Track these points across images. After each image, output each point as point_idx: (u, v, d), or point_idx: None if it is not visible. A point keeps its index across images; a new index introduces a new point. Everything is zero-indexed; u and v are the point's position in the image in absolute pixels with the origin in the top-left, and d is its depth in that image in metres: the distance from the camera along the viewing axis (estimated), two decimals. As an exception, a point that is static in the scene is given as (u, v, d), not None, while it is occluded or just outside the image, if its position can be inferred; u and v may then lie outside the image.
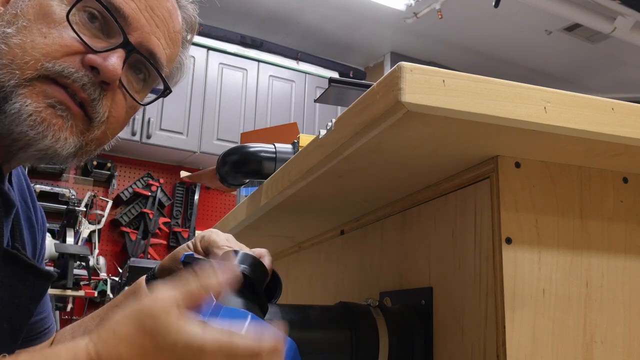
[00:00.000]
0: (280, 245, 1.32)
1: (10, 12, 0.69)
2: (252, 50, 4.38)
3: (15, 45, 0.67)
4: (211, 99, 4.12)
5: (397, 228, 0.84)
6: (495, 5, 3.32)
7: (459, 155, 0.65)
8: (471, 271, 0.66)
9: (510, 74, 4.70)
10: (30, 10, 0.69)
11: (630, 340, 0.64)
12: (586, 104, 0.57)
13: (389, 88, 0.52)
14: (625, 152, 0.62)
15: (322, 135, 0.68)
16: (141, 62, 0.75)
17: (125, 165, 4.16)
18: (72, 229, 3.57)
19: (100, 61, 0.69)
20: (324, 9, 4.11)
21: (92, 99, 0.69)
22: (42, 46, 0.67)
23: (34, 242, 0.86)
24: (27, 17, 0.68)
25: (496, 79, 0.54)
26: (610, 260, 0.66)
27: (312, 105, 4.44)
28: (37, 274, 0.78)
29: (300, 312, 0.72)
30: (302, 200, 0.87)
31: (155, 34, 0.74)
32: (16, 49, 0.66)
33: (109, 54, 0.69)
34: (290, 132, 1.59)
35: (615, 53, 4.45)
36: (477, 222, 0.66)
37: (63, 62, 0.67)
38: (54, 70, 0.67)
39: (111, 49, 0.70)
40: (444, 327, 0.70)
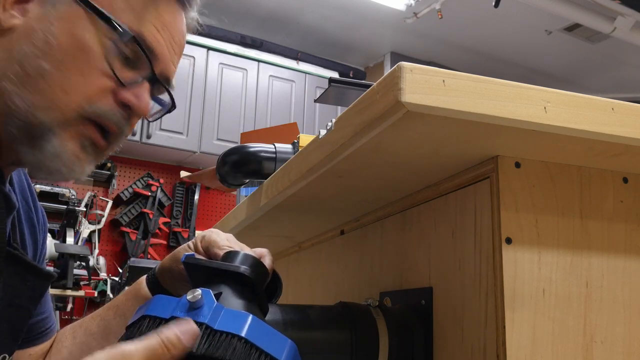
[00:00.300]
0: (280, 245, 1.32)
1: (41, 37, 0.67)
2: (252, 50, 4.38)
3: (55, 85, 0.67)
4: (211, 99, 4.12)
5: (397, 228, 0.84)
6: (495, 5, 3.32)
7: (459, 155, 0.65)
8: (471, 271, 0.66)
9: (510, 74, 4.70)
10: (64, 41, 0.67)
11: (630, 340, 0.64)
12: (586, 104, 0.57)
13: (389, 88, 0.52)
14: (625, 152, 0.62)
15: (322, 135, 0.68)
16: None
17: (125, 165, 4.16)
18: (72, 229, 3.57)
19: (135, 101, 0.71)
20: (324, 9, 4.11)
21: (120, 132, 0.73)
22: (82, 89, 0.68)
23: (35, 243, 0.86)
24: (63, 50, 0.67)
25: (496, 79, 0.54)
26: (610, 260, 0.66)
27: (312, 105, 4.44)
28: (38, 274, 0.78)
29: (300, 312, 0.72)
30: (302, 200, 0.87)
31: (173, 61, 0.77)
32: (57, 89, 0.67)
33: (139, 91, 0.72)
34: (290, 132, 1.59)
35: (615, 53, 4.45)
36: (477, 222, 0.66)
37: (100, 103, 0.69)
38: (93, 112, 0.69)
39: (139, 82, 0.72)
40: (444, 327, 0.70)
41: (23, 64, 0.67)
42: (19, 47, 0.67)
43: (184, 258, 0.67)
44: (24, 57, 0.67)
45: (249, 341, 0.53)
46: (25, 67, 0.67)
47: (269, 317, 0.69)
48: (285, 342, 0.57)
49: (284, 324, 0.69)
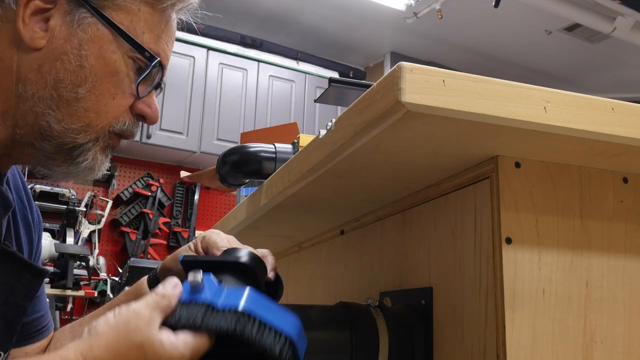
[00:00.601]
0: (280, 245, 1.32)
1: (74, 62, 0.69)
2: (252, 50, 4.38)
3: (89, 108, 0.71)
4: (211, 99, 4.12)
5: (397, 228, 0.84)
6: (495, 5, 3.32)
7: (459, 155, 0.65)
8: (471, 271, 0.66)
9: (510, 74, 4.70)
10: (96, 65, 0.70)
11: (630, 340, 0.64)
12: (586, 104, 0.57)
13: (389, 88, 0.52)
14: (625, 152, 0.62)
15: (322, 135, 0.68)
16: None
17: (125, 165, 4.16)
18: (72, 229, 3.57)
19: (149, 112, 0.77)
20: (324, 9, 4.11)
21: (133, 135, 0.79)
22: (112, 110, 0.73)
23: (30, 241, 0.86)
24: (95, 74, 0.71)
25: (496, 79, 0.55)
26: (610, 260, 0.66)
27: (312, 105, 4.44)
28: (33, 272, 0.78)
29: (300, 312, 0.72)
30: (302, 200, 0.87)
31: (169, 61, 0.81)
32: (91, 112, 0.72)
33: (151, 100, 0.77)
34: (290, 132, 1.59)
35: (615, 53, 4.45)
36: (477, 222, 0.66)
37: (124, 119, 0.75)
38: (119, 128, 0.75)
39: (149, 92, 0.77)
40: (444, 327, 0.70)
41: (58, 89, 0.70)
42: (53, 70, 0.70)
43: (181, 258, 0.67)
44: (60, 82, 0.70)
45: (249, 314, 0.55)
46: (60, 92, 0.70)
47: None
48: (288, 316, 0.58)
49: (284, 324, 0.69)
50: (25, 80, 0.70)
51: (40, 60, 0.69)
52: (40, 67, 0.69)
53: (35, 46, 0.69)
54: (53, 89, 0.70)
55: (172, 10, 0.76)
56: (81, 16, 0.70)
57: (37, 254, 0.90)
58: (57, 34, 0.70)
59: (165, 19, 0.76)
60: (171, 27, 0.78)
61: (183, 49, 4.01)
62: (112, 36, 0.71)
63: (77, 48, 0.70)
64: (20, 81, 0.70)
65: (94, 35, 0.70)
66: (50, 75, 0.69)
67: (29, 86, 0.70)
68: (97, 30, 0.70)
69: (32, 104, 0.70)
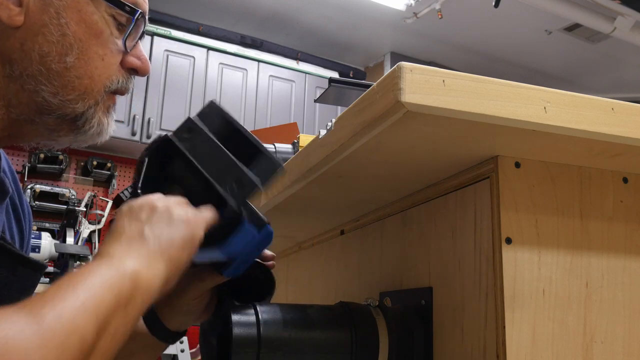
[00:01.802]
0: (280, 245, 1.32)
1: (56, 32, 0.68)
2: (252, 50, 4.38)
3: (82, 75, 0.70)
4: (211, 99, 4.12)
5: (397, 228, 0.84)
6: (495, 5, 3.32)
7: (459, 155, 0.65)
8: (471, 271, 0.65)
9: (510, 74, 4.69)
10: (78, 30, 0.69)
11: (630, 340, 0.64)
12: (586, 104, 0.57)
13: (388, 88, 0.52)
14: (625, 152, 0.62)
15: (322, 135, 0.68)
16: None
17: (125, 165, 4.16)
18: (72, 229, 3.56)
19: (140, 64, 0.76)
20: (324, 9, 4.11)
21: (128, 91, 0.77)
22: (104, 71, 0.72)
23: (21, 231, 0.85)
24: (80, 40, 0.70)
25: (496, 79, 0.55)
26: (610, 260, 0.66)
27: (312, 105, 4.44)
28: (27, 264, 0.77)
29: (300, 312, 0.72)
30: (302, 200, 0.87)
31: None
32: (85, 79, 0.71)
33: (139, 52, 0.76)
34: (290, 132, 1.59)
35: (615, 53, 4.44)
36: (477, 222, 0.66)
37: (117, 77, 0.74)
38: (114, 88, 0.74)
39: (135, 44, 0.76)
40: (444, 327, 0.70)
41: (46, 63, 0.68)
42: (36, 46, 0.68)
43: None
44: (46, 55, 0.68)
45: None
46: (48, 65, 0.68)
47: (269, 317, 0.69)
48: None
49: (284, 324, 0.69)
50: (11, 61, 0.68)
51: (22, 38, 0.68)
52: (23, 44, 0.68)
53: (13, 24, 0.67)
54: (40, 64, 0.68)
55: None
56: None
57: (28, 245, 0.89)
58: (32, 7, 0.68)
59: None
60: None
61: (183, 49, 4.01)
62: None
63: (56, 17, 0.68)
64: (6, 62, 0.68)
65: (70, 1, 0.69)
66: (34, 51, 0.68)
67: (16, 66, 0.68)
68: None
69: (22, 83, 0.69)
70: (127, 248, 0.59)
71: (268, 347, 0.67)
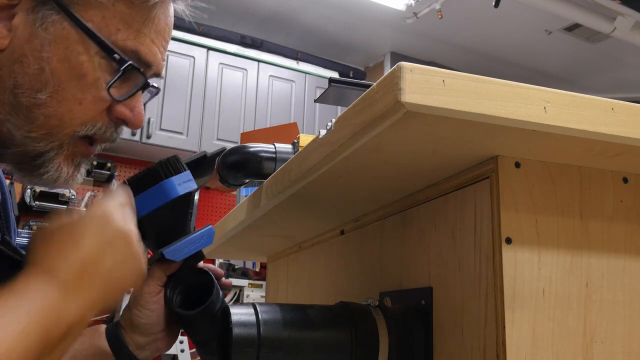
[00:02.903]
0: (280, 245, 1.32)
1: (34, 65, 0.64)
2: (252, 50, 4.38)
3: (52, 114, 0.65)
4: (211, 99, 4.11)
5: (397, 228, 0.84)
6: (495, 5, 3.32)
7: (459, 155, 0.65)
8: (471, 271, 0.66)
9: (510, 74, 4.70)
10: (59, 68, 0.65)
11: (630, 340, 0.64)
12: (586, 104, 0.57)
13: (388, 88, 0.52)
14: (625, 152, 0.62)
15: (322, 135, 0.68)
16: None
17: (125, 165, 4.16)
18: (72, 229, 3.56)
19: (130, 115, 0.70)
20: (324, 9, 4.11)
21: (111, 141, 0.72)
22: (79, 115, 0.67)
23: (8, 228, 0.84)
24: (58, 78, 0.65)
25: (496, 79, 0.54)
26: (610, 260, 0.66)
27: (312, 105, 4.44)
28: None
29: (300, 312, 0.72)
30: (302, 200, 0.87)
31: (163, 58, 0.74)
32: (53, 119, 0.66)
33: (134, 103, 0.71)
34: (290, 132, 1.59)
35: (615, 53, 4.45)
36: (477, 222, 0.66)
37: (95, 123, 0.68)
38: (88, 132, 0.68)
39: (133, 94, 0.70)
40: (444, 327, 0.70)
41: (17, 94, 0.65)
42: (12, 74, 0.64)
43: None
44: (18, 87, 0.64)
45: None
46: (19, 97, 0.65)
47: (269, 317, 0.69)
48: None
49: (284, 324, 0.69)
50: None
51: (0, 63, 0.64)
52: (0, 69, 0.64)
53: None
54: (12, 94, 0.64)
55: (154, 1, 0.69)
56: (45, 14, 0.64)
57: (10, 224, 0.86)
58: (19, 34, 0.64)
59: (146, 10, 0.68)
60: (156, 18, 0.70)
61: (183, 49, 4.01)
62: (78, 36, 0.64)
63: (38, 50, 0.64)
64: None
65: (58, 35, 0.64)
66: (9, 79, 0.64)
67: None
68: (62, 30, 0.64)
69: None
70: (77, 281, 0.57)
71: (268, 347, 0.67)
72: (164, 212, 0.73)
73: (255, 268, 4.03)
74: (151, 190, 0.72)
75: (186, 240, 0.76)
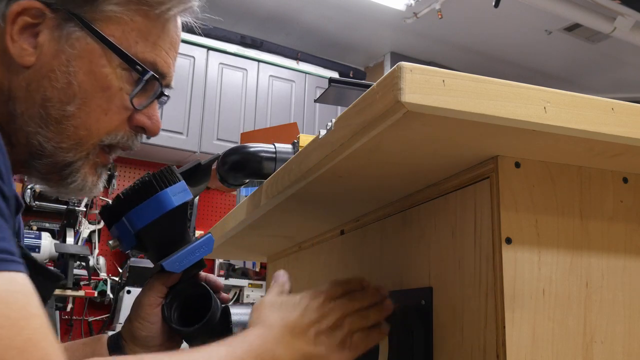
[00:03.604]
0: (280, 245, 1.32)
1: (62, 79, 0.67)
2: (252, 50, 4.38)
3: (79, 125, 0.69)
4: (211, 99, 4.11)
5: (397, 228, 0.84)
6: (495, 5, 3.32)
7: (459, 155, 0.65)
8: (471, 271, 0.66)
9: (510, 74, 4.69)
10: (85, 81, 0.68)
11: (630, 340, 0.64)
12: (586, 104, 0.57)
13: (388, 88, 0.52)
14: (625, 152, 0.62)
15: (322, 135, 0.68)
16: None
17: (125, 165, 4.16)
18: (72, 229, 3.57)
19: (149, 123, 0.75)
20: (324, 9, 4.11)
21: (132, 148, 0.76)
22: (104, 125, 0.71)
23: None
24: (85, 90, 0.68)
25: (496, 79, 0.54)
26: (610, 260, 0.66)
27: (312, 105, 4.44)
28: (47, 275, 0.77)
29: (300, 312, 0.72)
30: (302, 200, 0.87)
31: (174, 70, 0.78)
32: (81, 130, 0.69)
33: (151, 112, 0.75)
34: (290, 132, 1.59)
35: (615, 53, 4.44)
36: (477, 222, 0.66)
37: (118, 132, 0.73)
38: (111, 142, 0.73)
39: (150, 103, 0.75)
40: (444, 327, 0.70)
41: (47, 107, 0.68)
42: (41, 89, 0.68)
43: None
44: (48, 100, 0.68)
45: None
46: (48, 110, 0.68)
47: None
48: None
49: (284, 324, 0.69)
50: (15, 99, 0.68)
51: (29, 79, 0.67)
52: (29, 85, 0.67)
53: (24, 64, 0.67)
54: (41, 108, 0.68)
55: (168, 15, 0.74)
56: (70, 30, 0.68)
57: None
58: (45, 51, 0.67)
59: (161, 24, 0.73)
60: (170, 31, 0.75)
61: (183, 49, 4.00)
62: (102, 50, 0.69)
63: (65, 65, 0.68)
64: (11, 99, 0.68)
65: (83, 50, 0.68)
66: (38, 93, 0.67)
67: (19, 104, 0.68)
68: (86, 45, 0.68)
69: (22, 122, 0.68)
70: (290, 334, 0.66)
71: (268, 347, 0.67)
72: (161, 223, 0.73)
73: (255, 268, 4.03)
74: (146, 202, 0.73)
75: (185, 251, 0.76)
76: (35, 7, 0.66)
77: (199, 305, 0.77)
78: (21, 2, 0.66)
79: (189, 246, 0.77)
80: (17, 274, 0.48)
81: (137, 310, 0.79)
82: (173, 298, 0.77)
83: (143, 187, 0.75)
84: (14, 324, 0.45)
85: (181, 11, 0.75)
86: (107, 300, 3.59)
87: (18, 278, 0.48)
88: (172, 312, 0.77)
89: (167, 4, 0.72)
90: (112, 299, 3.54)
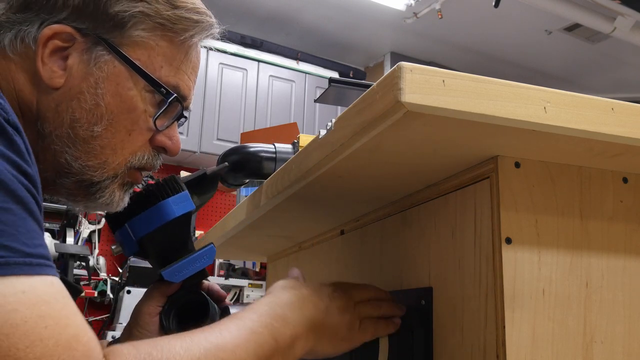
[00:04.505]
0: (280, 245, 1.32)
1: (90, 101, 0.70)
2: (252, 50, 4.38)
3: (106, 145, 0.72)
4: (211, 99, 4.11)
5: (397, 228, 0.84)
6: (495, 5, 3.32)
7: (459, 155, 0.65)
8: (471, 271, 0.66)
9: (510, 74, 4.69)
10: (112, 102, 0.71)
11: (630, 340, 0.64)
12: (586, 104, 0.57)
13: (388, 88, 0.52)
14: (625, 152, 0.62)
15: (322, 135, 0.68)
16: None
17: (125, 165, 4.16)
18: (72, 229, 3.57)
19: (170, 144, 0.77)
20: (324, 9, 4.11)
21: (155, 168, 0.79)
22: (129, 146, 0.73)
23: None
24: (111, 112, 0.71)
25: (496, 79, 0.54)
26: (610, 260, 0.66)
27: (312, 105, 4.44)
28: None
29: (300, 312, 0.72)
30: (302, 200, 0.87)
31: (193, 92, 0.81)
32: (107, 149, 0.72)
33: (172, 132, 0.78)
34: (290, 132, 1.59)
35: (615, 53, 4.44)
36: (477, 222, 0.66)
37: (143, 153, 0.75)
38: (138, 163, 0.75)
39: (171, 124, 0.77)
40: (444, 327, 0.70)
41: (75, 128, 0.70)
42: (70, 110, 0.70)
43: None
44: (76, 121, 0.70)
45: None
46: (76, 130, 0.70)
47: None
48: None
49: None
50: (44, 119, 0.70)
51: (58, 100, 0.70)
52: (58, 105, 0.70)
53: (54, 85, 0.69)
54: (70, 128, 0.70)
55: (192, 42, 0.77)
56: (98, 54, 0.70)
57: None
58: (74, 73, 0.70)
59: (185, 50, 0.76)
60: (192, 56, 0.78)
61: (183, 49, 4.00)
62: (128, 73, 0.71)
63: (94, 87, 0.70)
64: (39, 119, 0.70)
65: (111, 73, 0.71)
66: (67, 114, 0.70)
67: (47, 124, 0.70)
68: (113, 68, 0.71)
69: (49, 142, 0.70)
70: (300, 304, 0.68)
71: (268, 347, 0.67)
72: (162, 232, 0.74)
73: (255, 268, 4.03)
74: (149, 211, 0.74)
75: (186, 261, 0.76)
76: (66, 31, 0.69)
77: (197, 313, 0.77)
78: (53, 26, 0.68)
79: (190, 256, 0.77)
80: (54, 277, 0.51)
81: (136, 319, 0.80)
82: (170, 306, 0.78)
83: (147, 195, 0.76)
84: (58, 323, 0.48)
85: (203, 38, 0.79)
86: (107, 300, 3.59)
87: (55, 281, 0.51)
88: (169, 320, 0.77)
89: (190, 31, 0.75)
90: (112, 299, 3.54)
